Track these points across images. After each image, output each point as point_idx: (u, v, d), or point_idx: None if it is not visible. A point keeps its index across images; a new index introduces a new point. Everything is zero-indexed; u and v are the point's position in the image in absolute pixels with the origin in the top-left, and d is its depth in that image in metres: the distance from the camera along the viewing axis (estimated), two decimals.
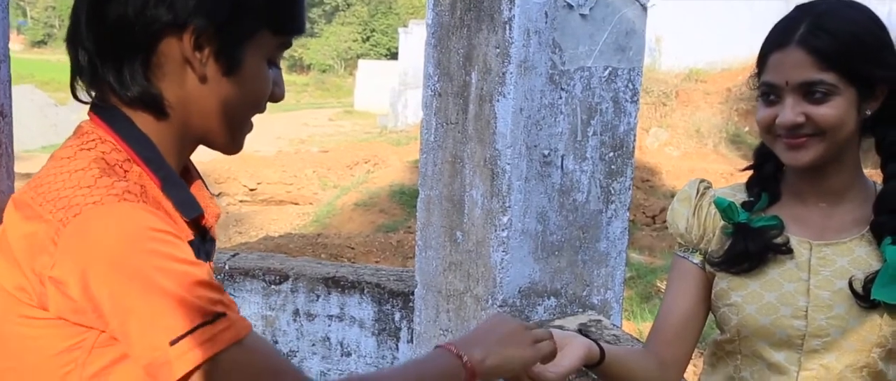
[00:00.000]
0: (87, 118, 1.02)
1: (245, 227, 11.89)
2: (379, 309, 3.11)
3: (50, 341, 0.92)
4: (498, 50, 2.32)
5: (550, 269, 2.48)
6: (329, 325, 3.22)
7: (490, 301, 2.42)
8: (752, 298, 1.34)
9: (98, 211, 0.88)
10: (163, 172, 0.98)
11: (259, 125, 1.14)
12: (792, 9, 1.31)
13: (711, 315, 1.44)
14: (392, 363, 3.07)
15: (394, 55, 30.29)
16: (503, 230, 2.38)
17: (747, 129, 13.90)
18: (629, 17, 2.44)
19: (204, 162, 12.15)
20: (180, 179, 1.02)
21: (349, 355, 3.19)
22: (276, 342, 3.24)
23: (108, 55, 0.98)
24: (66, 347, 0.91)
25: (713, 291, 1.40)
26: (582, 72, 2.40)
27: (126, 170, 0.96)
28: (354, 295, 3.15)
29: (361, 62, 31.00)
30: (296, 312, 3.25)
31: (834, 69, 1.24)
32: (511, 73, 2.29)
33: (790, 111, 1.26)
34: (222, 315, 0.89)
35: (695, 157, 13.40)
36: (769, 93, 1.29)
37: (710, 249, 1.41)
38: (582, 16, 2.36)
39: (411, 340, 2.97)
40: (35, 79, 30.00)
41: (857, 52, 1.24)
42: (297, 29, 1.07)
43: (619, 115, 2.49)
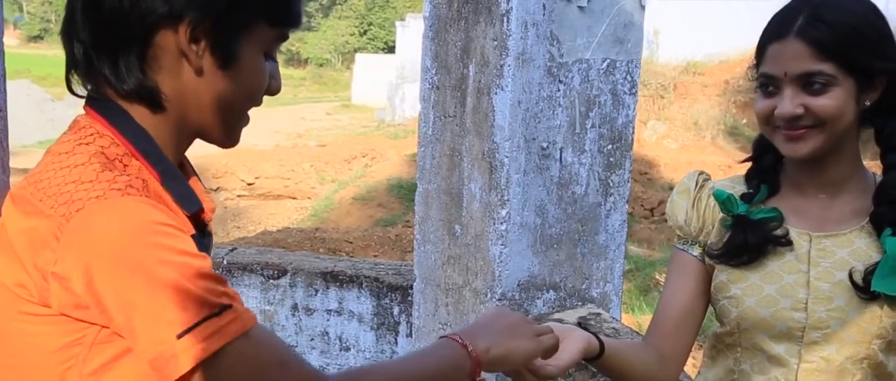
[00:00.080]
0: (83, 112, 1.01)
1: (243, 221, 11.89)
2: (378, 303, 3.11)
3: (50, 337, 0.91)
4: (495, 42, 2.31)
5: (549, 262, 2.47)
6: (328, 319, 3.21)
7: (489, 295, 2.42)
8: (752, 290, 1.34)
9: (101, 205, 0.88)
10: (162, 165, 0.98)
11: (256, 120, 1.13)
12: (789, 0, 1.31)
13: (711, 308, 1.44)
14: (391, 358, 3.07)
15: (391, 49, 30.26)
16: (502, 224, 2.37)
17: (745, 121, 13.91)
18: (627, 9, 2.43)
19: (201, 156, 12.14)
20: (179, 172, 1.01)
21: (348, 349, 3.19)
22: None
23: (104, 48, 0.97)
24: (67, 343, 0.91)
25: (713, 283, 1.40)
26: (580, 64, 2.39)
27: (126, 164, 0.95)
28: (353, 289, 3.15)
29: (359, 56, 31.00)
30: (294, 306, 3.25)
31: (832, 60, 1.23)
32: (509, 65, 2.29)
33: (789, 102, 1.25)
34: (228, 307, 0.89)
35: (693, 149, 13.41)
36: (768, 84, 1.29)
37: (710, 241, 1.41)
38: (580, 8, 2.36)
39: (410, 334, 2.97)
40: (31, 74, 29.97)
41: (856, 42, 1.24)
42: (294, 21, 1.07)
43: (618, 107, 2.49)
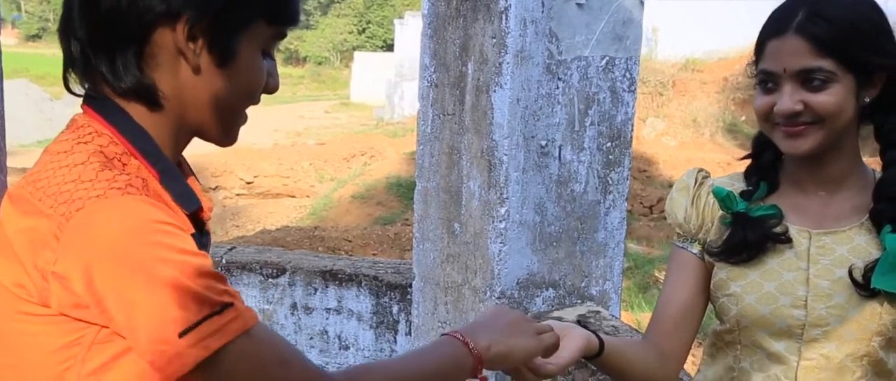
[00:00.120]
0: (81, 111, 1.01)
1: (242, 220, 11.88)
2: (377, 302, 3.11)
3: (49, 337, 0.91)
4: (494, 40, 2.31)
5: (549, 260, 2.47)
6: (327, 318, 3.21)
7: (488, 293, 2.42)
8: (752, 288, 1.33)
9: (101, 205, 0.87)
10: (161, 164, 0.97)
11: (255, 118, 1.13)
12: None
13: (711, 306, 1.44)
14: (390, 356, 3.06)
15: (390, 47, 30.23)
16: (501, 222, 2.37)
17: (744, 118, 13.92)
18: (626, 6, 2.43)
19: (200, 155, 12.14)
20: (178, 171, 1.01)
21: (347, 348, 3.19)
22: None
23: (101, 46, 0.96)
24: (66, 343, 0.90)
25: (712, 281, 1.40)
26: (579, 61, 2.39)
27: (124, 163, 0.95)
28: (352, 288, 3.15)
29: (357, 54, 30.99)
30: (293, 305, 3.25)
31: (832, 56, 1.23)
32: (508, 63, 2.28)
33: (788, 99, 1.25)
34: (230, 305, 0.89)
35: (692, 146, 13.41)
36: (767, 81, 1.28)
37: (709, 238, 1.41)
38: (578, 5, 2.35)
39: (409, 332, 2.97)
40: (30, 73, 29.94)
41: (855, 38, 1.23)
42: (292, 19, 1.06)
43: (617, 105, 2.48)
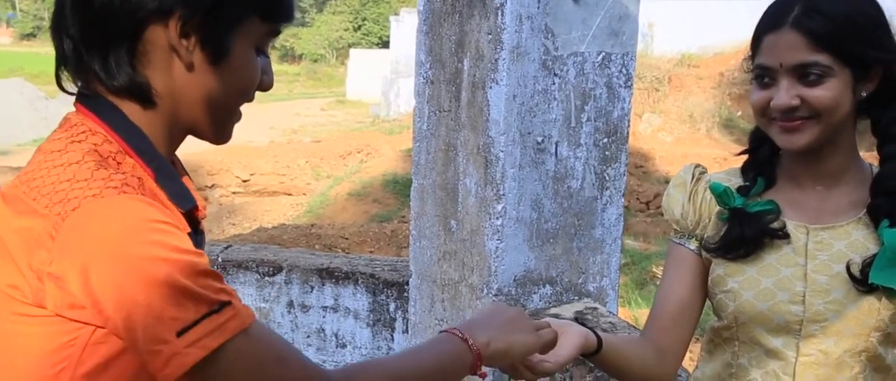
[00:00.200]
0: (74, 109, 1.00)
1: (238, 218, 11.87)
2: (373, 300, 3.10)
3: (43, 338, 0.90)
4: (490, 36, 2.30)
5: (545, 257, 2.47)
6: (324, 316, 3.21)
7: (485, 290, 2.41)
8: (749, 284, 1.33)
9: (97, 204, 0.87)
10: (156, 163, 0.97)
11: (251, 116, 1.12)
12: None
13: (708, 302, 1.43)
14: (387, 354, 3.06)
15: (385, 44, 30.21)
16: (498, 218, 2.36)
17: (740, 113, 13.93)
18: (622, 1, 2.42)
19: (196, 153, 12.13)
20: (173, 170, 1.00)
21: (344, 346, 3.19)
22: None
23: (94, 43, 0.96)
24: (60, 344, 0.89)
25: (710, 277, 1.39)
26: (575, 57, 2.38)
27: (119, 162, 0.94)
28: (349, 286, 3.14)
29: (353, 51, 30.94)
30: (290, 303, 3.24)
31: (828, 51, 1.22)
32: (503, 59, 2.27)
33: (785, 94, 1.25)
34: (227, 304, 0.89)
35: (688, 142, 13.42)
36: (763, 76, 1.28)
37: (706, 235, 1.40)
38: (574, 1, 2.34)
39: (406, 330, 2.96)
40: (24, 72, 29.88)
41: (852, 33, 1.23)
42: (286, 16, 1.06)
43: (613, 100, 2.48)
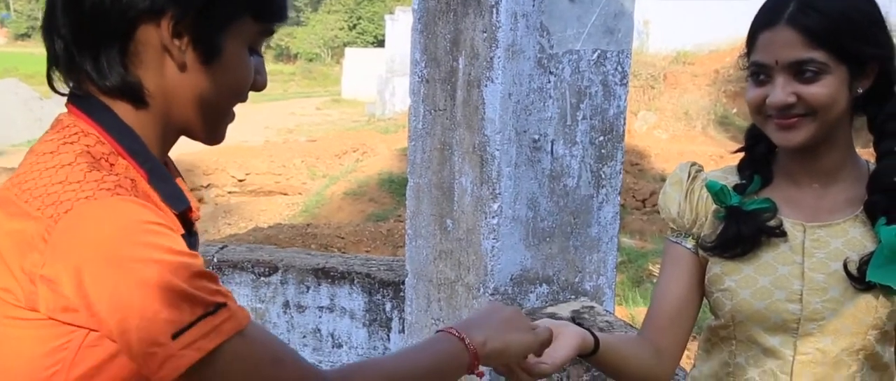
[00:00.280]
0: (66, 110, 1.00)
1: (234, 218, 11.85)
2: (369, 300, 3.09)
3: (36, 342, 0.89)
4: (485, 34, 2.29)
5: (542, 256, 2.46)
6: (320, 316, 3.20)
7: (481, 290, 2.41)
8: (746, 282, 1.32)
9: (90, 206, 0.86)
10: (149, 164, 0.96)
11: (246, 115, 1.11)
12: None
13: (705, 301, 1.43)
14: (384, 354, 3.06)
15: (381, 43, 30.18)
16: (493, 217, 2.36)
17: (735, 110, 13.95)
18: None
19: (191, 153, 12.10)
20: (166, 171, 1.00)
21: (340, 346, 3.18)
22: None
23: (85, 43, 0.95)
24: (53, 347, 0.89)
25: (707, 276, 1.39)
26: (570, 55, 2.37)
27: (112, 163, 0.94)
28: (345, 286, 3.13)
29: (348, 50, 30.91)
30: (286, 304, 3.23)
31: (824, 47, 1.22)
32: (499, 57, 2.27)
33: (781, 91, 1.24)
34: (223, 306, 0.88)
35: (683, 139, 13.44)
36: (759, 73, 1.27)
37: (703, 233, 1.40)
38: None
39: (403, 330, 2.96)
40: (19, 72, 29.78)
41: (847, 29, 1.22)
42: (279, 15, 1.05)
43: (609, 98, 2.47)
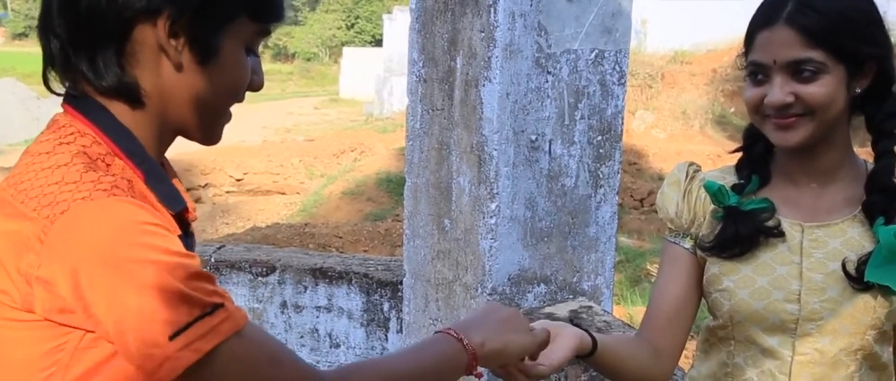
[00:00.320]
0: (61, 110, 0.99)
1: (232, 218, 11.85)
2: (367, 300, 3.09)
3: (32, 343, 0.89)
4: (483, 34, 2.29)
5: (540, 255, 2.46)
6: (317, 316, 3.20)
7: (479, 290, 2.41)
8: (745, 282, 1.32)
9: (87, 207, 0.86)
10: (146, 165, 0.96)
11: (244, 115, 1.11)
12: None
13: (704, 301, 1.43)
14: (381, 354, 3.05)
15: (379, 42, 30.18)
16: (491, 217, 2.36)
17: (733, 110, 13.96)
18: None
19: (189, 153, 12.09)
20: (163, 172, 0.99)
21: (338, 346, 3.17)
22: None
23: (81, 43, 0.95)
24: (49, 349, 0.89)
25: (705, 276, 1.38)
26: (568, 55, 2.37)
27: (108, 164, 0.93)
28: (342, 286, 3.13)
29: (346, 50, 30.90)
30: (283, 304, 3.23)
31: (822, 47, 1.22)
32: (496, 57, 2.27)
33: (779, 91, 1.24)
34: (220, 306, 0.88)
35: (681, 139, 13.45)
36: (757, 72, 1.27)
37: (701, 233, 1.39)
38: None
39: (400, 330, 2.95)
40: (16, 72, 29.71)
41: (845, 29, 1.22)
42: (276, 15, 1.05)
43: (607, 98, 2.47)
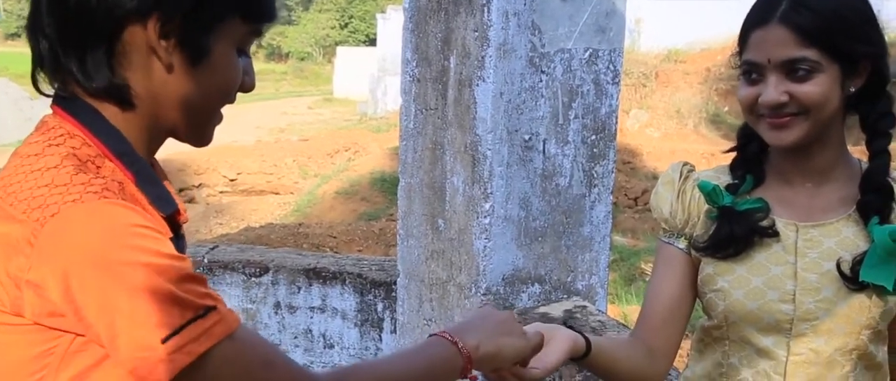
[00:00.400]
0: (51, 112, 0.98)
1: (226, 218, 11.83)
2: (361, 300, 3.08)
3: (21, 347, 0.88)
4: (476, 33, 2.28)
5: (534, 255, 2.45)
6: (311, 317, 3.19)
7: (473, 290, 2.40)
8: (739, 283, 1.32)
9: (77, 209, 0.85)
10: (136, 166, 0.95)
11: (238, 115, 1.11)
12: None
13: (698, 301, 1.42)
14: (375, 355, 3.04)
15: (372, 42, 30.15)
16: (485, 217, 2.35)
17: (727, 109, 13.98)
18: None
19: (183, 153, 12.07)
20: (154, 174, 0.98)
21: (332, 347, 3.17)
22: None
23: (71, 44, 0.94)
24: (39, 353, 0.88)
25: (699, 276, 1.38)
26: (562, 54, 2.37)
27: (99, 166, 0.92)
28: (336, 286, 3.12)
29: (340, 49, 30.85)
30: (277, 304, 3.22)
31: (816, 46, 1.21)
32: (490, 56, 2.26)
33: (773, 90, 1.24)
34: (213, 309, 0.87)
35: (675, 138, 13.47)
36: (751, 71, 1.27)
37: (696, 233, 1.39)
38: None
39: (394, 330, 2.94)
40: (9, 72, 29.59)
41: (840, 28, 1.22)
42: (268, 16, 1.04)
43: (601, 97, 2.47)
